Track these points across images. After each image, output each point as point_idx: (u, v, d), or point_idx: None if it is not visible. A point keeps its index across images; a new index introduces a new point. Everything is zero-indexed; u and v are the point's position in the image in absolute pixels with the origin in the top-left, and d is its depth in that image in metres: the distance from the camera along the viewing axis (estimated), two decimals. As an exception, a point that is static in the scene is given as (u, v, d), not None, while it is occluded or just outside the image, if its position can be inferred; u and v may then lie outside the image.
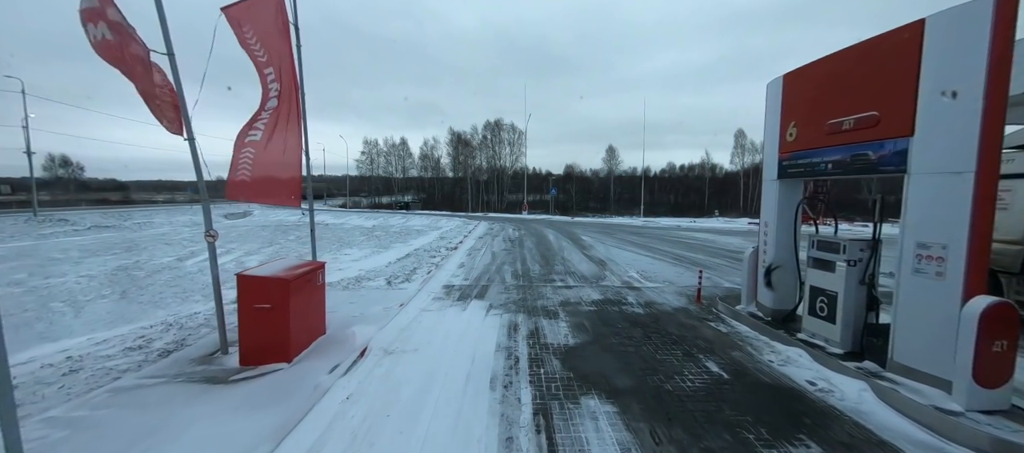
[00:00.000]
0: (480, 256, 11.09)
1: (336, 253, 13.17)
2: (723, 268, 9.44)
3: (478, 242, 14.40)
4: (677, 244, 14.11)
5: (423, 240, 15.92)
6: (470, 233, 17.57)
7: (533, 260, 10.45)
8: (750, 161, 53.25)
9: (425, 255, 11.37)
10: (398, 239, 17.17)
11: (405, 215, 29.11)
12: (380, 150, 55.69)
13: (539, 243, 14.07)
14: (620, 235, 17.28)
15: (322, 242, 18.00)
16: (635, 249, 12.67)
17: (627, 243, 14.28)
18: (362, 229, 23.94)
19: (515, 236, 16.55)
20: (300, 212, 36.27)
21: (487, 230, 19.43)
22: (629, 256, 11.18)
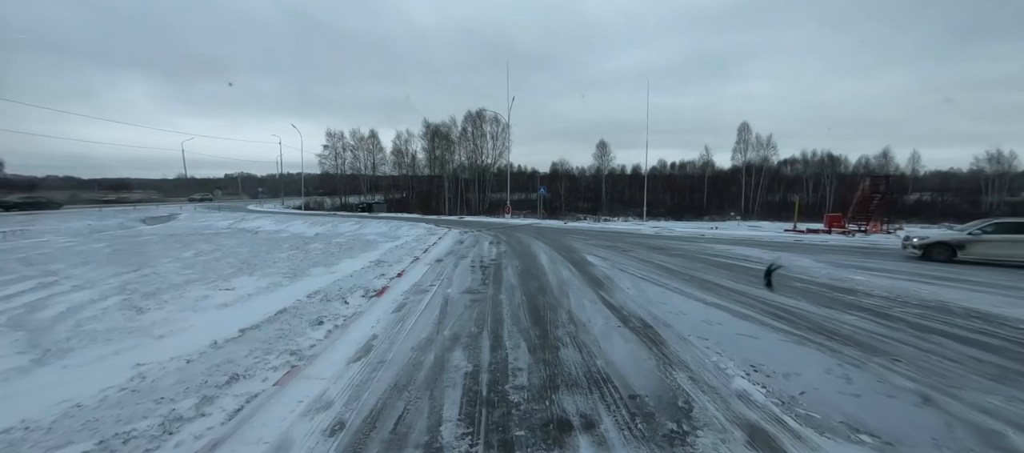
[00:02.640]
0: (416, 318, 6.02)
1: (216, 286, 8.19)
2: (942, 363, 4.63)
3: (430, 271, 9.33)
4: (741, 272, 9.31)
5: (354, 264, 10.79)
6: (426, 252, 12.47)
7: (515, 330, 5.44)
8: (754, 157, 49.43)
9: (336, 299, 6.29)
10: (323, 261, 12.01)
11: (360, 221, 23.79)
12: (347, 144, 49.83)
13: (526, 275, 9.06)
14: (637, 252, 12.45)
15: (224, 262, 12.81)
16: (682, 285, 7.80)
17: (658, 269, 9.43)
18: (297, 240, 18.59)
19: (490, 258, 11.50)
20: (236, 216, 30.47)
21: (453, 246, 14.35)
22: (687, 305, 6.31)
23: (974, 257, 10.48)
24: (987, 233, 10.52)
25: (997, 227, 10.57)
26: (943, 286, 7.94)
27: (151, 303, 7.80)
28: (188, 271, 11.39)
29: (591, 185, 60.74)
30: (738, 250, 12.99)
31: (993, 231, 10.50)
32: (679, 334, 5.09)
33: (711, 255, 11.90)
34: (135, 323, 6.36)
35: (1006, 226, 10.52)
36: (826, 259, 11.29)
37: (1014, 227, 10.40)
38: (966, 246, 10.57)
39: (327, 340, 4.75)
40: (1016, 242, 10.09)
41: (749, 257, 11.52)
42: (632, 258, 11.18)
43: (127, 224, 26.32)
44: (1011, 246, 10.13)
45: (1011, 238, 10.18)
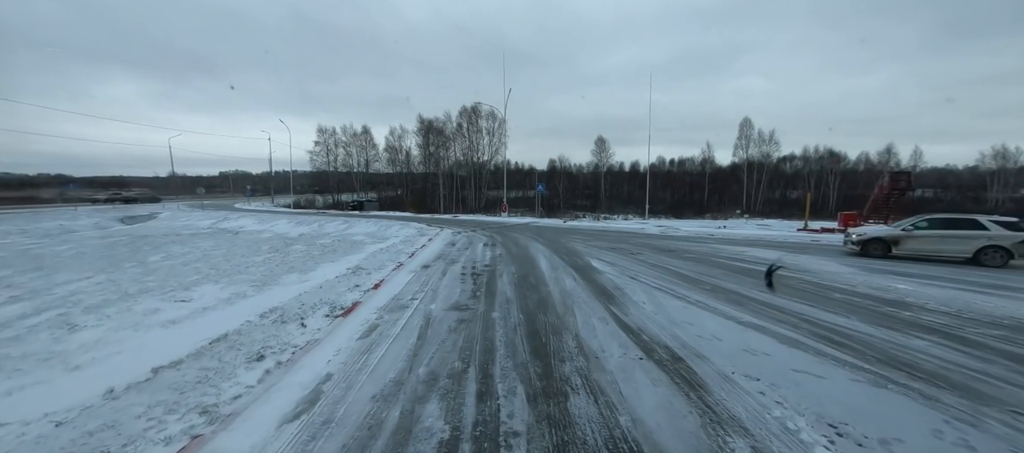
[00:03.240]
0: (386, 347, 4.88)
1: (173, 297, 7.12)
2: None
3: (413, 281, 8.17)
4: (779, 286, 8.22)
5: (331, 271, 9.64)
6: (413, 256, 11.30)
7: (510, 365, 4.31)
8: (755, 153, 48.46)
9: (293, 319, 5.13)
10: (301, 266, 10.87)
11: (349, 221, 22.57)
12: (339, 140, 48.41)
13: (523, 285, 7.93)
14: (646, 255, 11.34)
15: (191, 268, 11.67)
16: (705, 297, 6.69)
17: (672, 276, 8.32)
18: (279, 241, 17.39)
19: (483, 264, 10.36)
20: (219, 215, 29.19)
21: (443, 248, 13.20)
22: (719, 325, 5.19)
23: (907, 252, 10.73)
24: (919, 229, 10.69)
25: (929, 223, 10.76)
26: (1005, 297, 6.88)
27: (90, 319, 6.67)
28: (148, 278, 10.23)
29: (589, 182, 59.66)
30: (754, 252, 11.91)
31: (926, 227, 10.65)
32: (720, 370, 3.97)
33: (727, 258, 10.81)
34: (59, 346, 5.26)
35: (937, 222, 10.72)
36: (853, 263, 10.23)
37: (943, 223, 10.62)
38: (900, 242, 10.78)
39: (261, 386, 3.59)
40: (944, 237, 10.34)
41: (768, 261, 10.43)
42: (641, 263, 10.07)
43: (103, 223, 24.99)
44: (939, 241, 10.40)
45: (939, 233, 10.42)
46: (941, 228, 10.48)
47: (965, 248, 10.11)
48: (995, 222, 10.12)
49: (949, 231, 10.35)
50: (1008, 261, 9.74)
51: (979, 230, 10.06)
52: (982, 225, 10.09)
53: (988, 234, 9.94)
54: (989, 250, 9.86)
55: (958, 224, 10.39)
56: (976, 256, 9.97)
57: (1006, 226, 9.95)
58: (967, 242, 10.08)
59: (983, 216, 10.57)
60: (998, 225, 10.01)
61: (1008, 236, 9.77)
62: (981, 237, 9.97)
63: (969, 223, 10.28)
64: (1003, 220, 10.21)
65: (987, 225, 10.06)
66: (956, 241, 10.22)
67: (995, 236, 9.87)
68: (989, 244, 9.86)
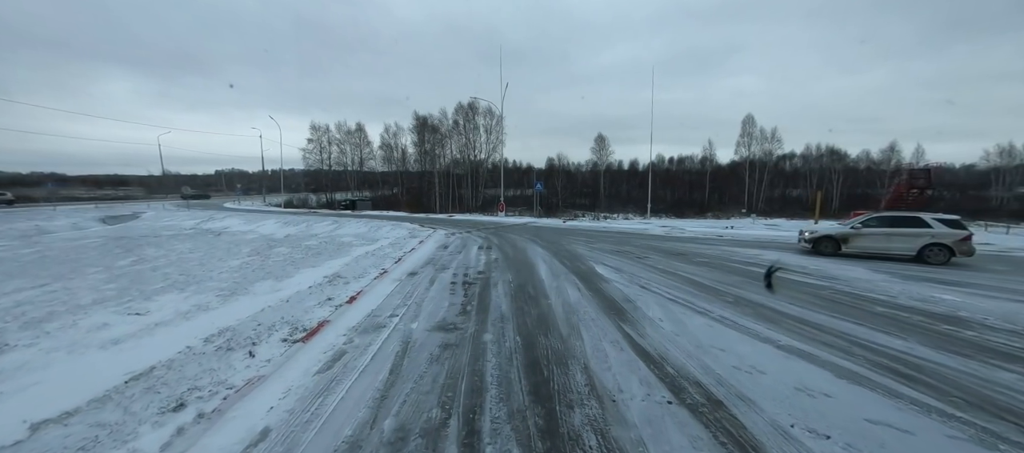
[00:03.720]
0: (348, 385, 3.96)
1: (129, 308, 6.23)
2: None
3: (396, 292, 7.24)
4: (796, 289, 7.33)
5: (309, 278, 8.71)
6: (400, 261, 10.36)
7: (503, 413, 3.40)
8: (757, 151, 47.65)
9: (242, 346, 4.21)
10: (278, 271, 9.95)
11: (339, 221, 21.60)
12: (333, 137, 47.31)
13: (521, 297, 7.03)
14: (653, 259, 10.44)
15: (160, 273, 10.79)
16: (731, 313, 5.78)
17: (687, 285, 7.41)
18: (262, 243, 16.42)
19: (477, 271, 9.45)
20: (205, 215, 28.15)
21: (434, 252, 12.28)
22: (757, 352, 4.29)
23: (855, 250, 10.77)
24: (868, 227, 10.74)
25: (877, 221, 10.81)
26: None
27: (26, 336, 5.76)
28: (109, 286, 9.29)
29: (588, 181, 58.80)
30: (770, 255, 11.02)
31: (875, 225, 10.72)
32: (774, 421, 3.07)
33: (743, 263, 9.92)
34: (-42, 376, 4.32)
35: (884, 220, 10.77)
36: (883, 268, 9.36)
37: (889, 221, 10.68)
38: (849, 239, 10.82)
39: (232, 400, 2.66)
40: (890, 235, 10.41)
41: (788, 266, 9.55)
42: (650, 268, 9.17)
43: (82, 224, 23.92)
44: (886, 239, 10.46)
45: (886, 231, 10.47)
46: (888, 226, 10.54)
47: (910, 246, 10.15)
48: (938, 220, 10.14)
49: (895, 229, 10.41)
50: (950, 258, 9.83)
51: (923, 228, 10.12)
52: (926, 223, 10.13)
53: (932, 232, 9.97)
54: (933, 247, 9.92)
55: (904, 222, 10.46)
56: (920, 253, 10.03)
57: (948, 224, 10.01)
58: (912, 240, 10.13)
59: (928, 214, 10.50)
60: (941, 223, 10.05)
61: (949, 234, 9.84)
62: (925, 235, 10.02)
63: (914, 221, 10.33)
64: (945, 218, 10.21)
65: (931, 223, 10.09)
66: (901, 239, 10.27)
67: (938, 234, 9.91)
68: (932, 242, 9.91)
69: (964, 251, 9.77)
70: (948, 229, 9.96)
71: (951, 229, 9.94)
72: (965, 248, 9.76)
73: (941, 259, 9.86)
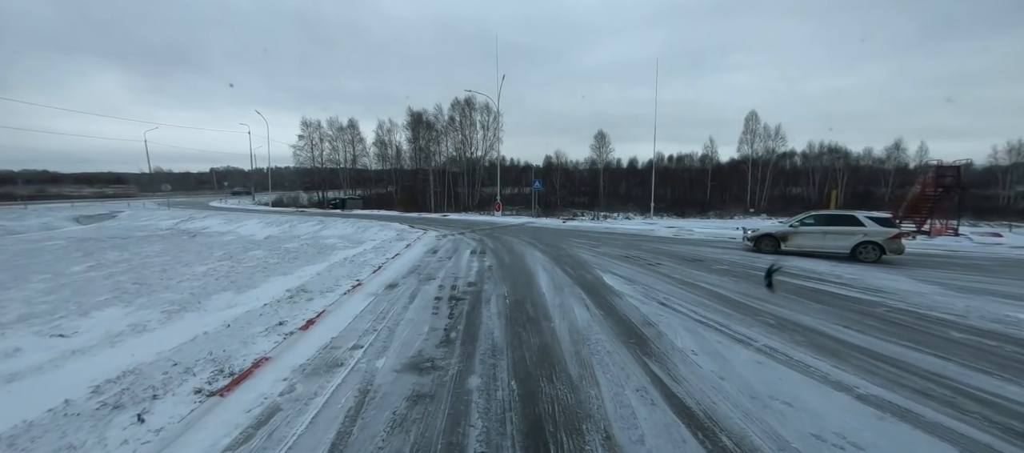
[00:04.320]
0: None
1: (57, 327, 5.07)
2: None
3: (366, 313, 6.04)
4: (845, 307, 6.19)
5: (273, 289, 7.52)
6: (379, 269, 9.13)
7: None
8: (760, 148, 46.63)
9: (135, 402, 3.03)
10: (243, 280, 8.76)
11: (325, 221, 20.35)
12: (324, 134, 45.88)
13: (518, 320, 5.87)
14: (668, 266, 9.29)
15: (113, 281, 9.65)
16: (781, 342, 4.62)
17: (717, 301, 6.25)
18: (239, 245, 15.18)
19: (467, 282, 8.28)
20: (186, 214, 26.82)
21: (421, 258, 11.09)
22: (836, 407, 3.13)
23: (794, 248, 10.83)
24: (805, 225, 10.80)
25: (814, 219, 10.82)
26: None
27: None
28: (47, 297, 8.11)
29: (586, 179, 57.66)
30: (797, 263, 9.90)
31: (812, 223, 10.74)
32: None
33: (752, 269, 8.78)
34: None
35: (821, 218, 10.79)
36: (929, 277, 8.25)
37: (826, 219, 10.68)
38: (788, 238, 10.90)
39: None
40: (826, 234, 10.44)
41: (822, 275, 8.43)
42: (666, 278, 8.02)
43: (53, 224, 22.59)
44: (822, 237, 10.50)
45: (822, 230, 10.50)
46: (824, 224, 10.55)
47: (845, 244, 10.17)
48: (870, 218, 10.19)
49: (831, 227, 10.42)
50: (880, 256, 9.85)
51: (857, 226, 10.13)
52: (860, 222, 10.17)
53: (864, 230, 10.01)
54: (865, 245, 9.95)
55: (839, 220, 10.48)
56: (854, 252, 10.07)
57: (880, 222, 10.08)
58: (846, 238, 10.16)
59: (861, 212, 10.53)
60: (873, 221, 10.09)
61: (881, 232, 9.90)
62: (858, 233, 10.05)
63: (848, 219, 10.36)
64: (877, 216, 10.31)
65: (864, 221, 10.12)
66: (836, 237, 10.28)
67: (870, 232, 9.95)
68: (865, 240, 9.95)
69: (894, 249, 9.85)
70: (880, 227, 9.98)
71: (883, 227, 9.98)
72: (895, 246, 9.84)
73: (873, 257, 9.89)
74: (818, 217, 10.91)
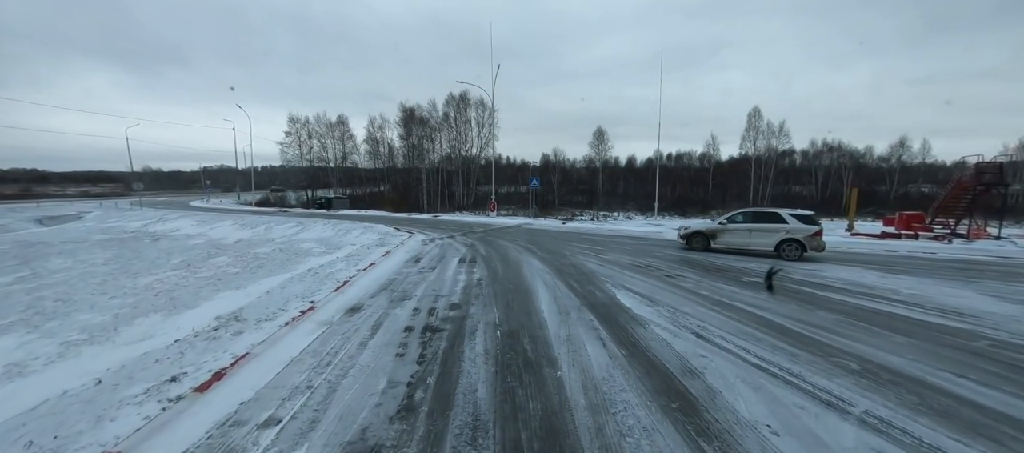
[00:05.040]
0: None
1: None
2: None
3: (309, 353, 4.54)
4: (925, 337, 4.78)
5: (205, 315, 6.02)
6: (345, 284, 7.59)
7: None
8: (763, 146, 45.40)
9: None
10: (183, 298, 7.22)
11: (304, 223, 18.78)
12: (313, 130, 44.12)
13: (510, 364, 4.40)
14: (688, 278, 7.86)
15: (31, 296, 8.14)
16: (896, 407, 3.19)
17: (777, 336, 4.82)
18: (201, 251, 13.61)
19: (450, 302, 6.81)
20: (157, 215, 25.15)
21: (399, 268, 9.62)
22: None
23: (722, 246, 10.77)
24: (734, 222, 10.71)
25: (743, 217, 10.73)
26: None
27: None
28: (-65, 321, 6.53)
29: (584, 177, 56.26)
30: (837, 273, 8.51)
31: (741, 221, 10.65)
32: None
33: (813, 286, 7.36)
34: None
35: (748, 216, 10.70)
36: (999, 292, 6.87)
37: (753, 217, 10.58)
38: (717, 235, 10.83)
39: None
40: (751, 231, 10.35)
41: (875, 289, 7.03)
42: (692, 295, 6.58)
43: (11, 226, 20.88)
44: (748, 235, 10.42)
45: (749, 227, 10.41)
46: (751, 222, 10.46)
47: (769, 241, 10.10)
48: (793, 216, 10.07)
49: (757, 225, 10.32)
50: (802, 254, 9.78)
51: (780, 224, 10.05)
52: (783, 219, 10.07)
53: (787, 227, 9.93)
54: (788, 243, 9.87)
55: (764, 218, 10.37)
56: (777, 249, 9.98)
57: (801, 220, 9.95)
58: (770, 235, 10.08)
59: (785, 210, 10.36)
60: (795, 218, 9.98)
61: (802, 229, 9.82)
62: (781, 230, 9.97)
63: (772, 217, 10.26)
64: (799, 213, 10.16)
65: (787, 219, 10.02)
66: (761, 234, 10.21)
67: (792, 229, 9.87)
68: (788, 237, 9.88)
69: (814, 246, 9.76)
70: (801, 225, 9.85)
71: (804, 225, 9.85)
72: (815, 243, 9.74)
73: (794, 254, 9.79)
74: (746, 214, 10.73)
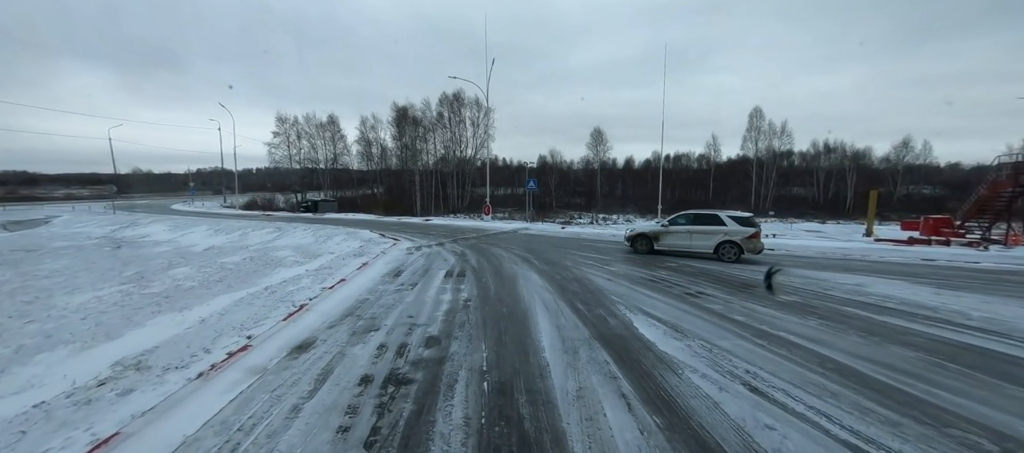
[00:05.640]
0: None
1: None
2: None
3: (214, 426, 3.25)
4: None
5: (110, 354, 4.68)
6: (303, 309, 6.27)
7: None
8: (764, 147, 44.42)
9: None
10: (109, 325, 5.80)
11: (281, 229, 17.42)
12: (302, 130, 42.70)
13: (501, 447, 3.02)
14: (716, 299, 6.64)
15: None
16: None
17: (863, 390, 3.58)
18: (163, 260, 12.26)
19: (425, 335, 5.50)
20: (129, 220, 23.68)
21: (374, 285, 8.34)
22: None
23: (665, 248, 10.65)
24: (675, 224, 10.60)
25: (684, 218, 10.61)
26: None
27: None
28: None
29: (582, 179, 55.18)
30: (882, 288, 7.31)
31: (684, 222, 10.53)
32: None
33: (864, 307, 6.15)
34: None
35: (689, 217, 10.58)
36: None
37: (693, 218, 10.46)
38: (659, 237, 10.70)
39: None
40: (692, 233, 10.23)
41: (935, 310, 5.83)
42: (730, 325, 5.35)
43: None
44: (688, 237, 10.29)
45: (689, 229, 10.31)
46: (692, 224, 10.35)
47: (708, 243, 10.01)
48: (731, 217, 9.98)
49: (697, 227, 10.22)
50: (740, 256, 9.67)
51: (719, 226, 9.96)
52: (722, 221, 9.97)
53: (725, 229, 9.84)
54: (726, 245, 9.78)
55: (704, 220, 10.27)
56: (717, 251, 9.89)
57: (739, 221, 9.86)
58: (710, 237, 9.99)
59: (724, 211, 10.26)
60: (733, 220, 9.89)
61: (739, 231, 9.72)
62: (719, 232, 9.89)
63: (712, 219, 10.17)
64: (737, 215, 10.07)
65: (726, 221, 9.93)
66: (701, 236, 10.13)
67: (730, 231, 9.78)
68: (726, 239, 9.79)
69: (751, 248, 9.66)
70: (739, 227, 9.76)
71: (742, 226, 9.75)
72: (752, 245, 9.65)
73: (732, 256, 9.70)
74: (687, 216, 10.60)
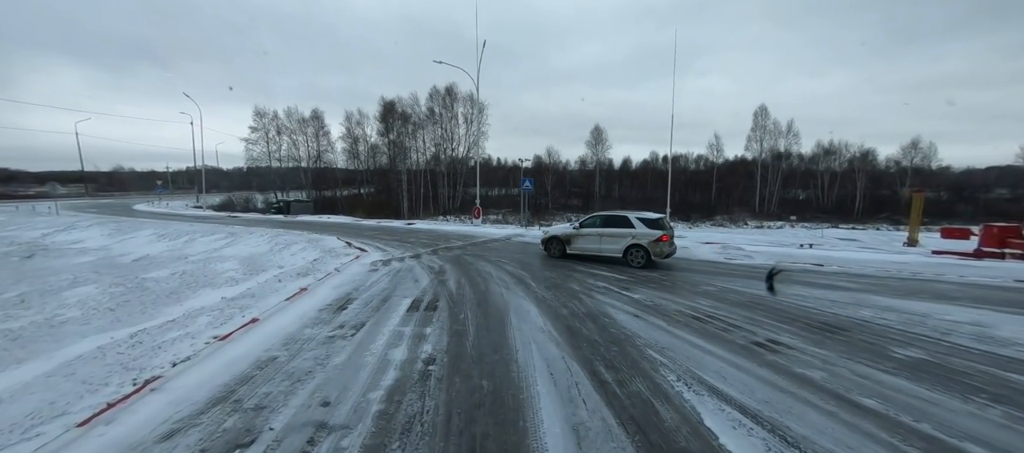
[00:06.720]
0: None
1: None
2: None
3: None
4: None
5: None
6: (188, 362, 4.06)
7: None
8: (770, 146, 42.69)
9: None
10: None
11: (234, 235, 15.07)
12: (283, 125, 40.20)
13: None
14: (791, 348, 4.51)
15: None
16: None
17: None
18: (72, 273, 9.94)
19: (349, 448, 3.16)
20: (69, 221, 21.18)
21: (300, 329, 6.08)
22: None
23: (577, 251, 10.38)
24: (586, 227, 10.31)
25: (595, 221, 10.36)
26: None
27: None
28: None
29: (579, 180, 53.16)
30: (1014, 329, 5.26)
31: (592, 225, 10.26)
32: None
33: (1010, 365, 4.08)
34: None
35: (599, 220, 10.29)
36: None
37: (603, 221, 10.19)
38: (571, 240, 10.43)
39: None
40: (602, 236, 9.96)
41: None
42: (857, 416, 3.23)
43: None
44: (598, 240, 10.02)
45: (599, 232, 10.03)
46: (602, 226, 10.04)
47: (617, 247, 9.68)
48: (640, 219, 9.62)
49: (607, 230, 9.91)
50: (648, 260, 9.26)
51: (628, 228, 9.65)
52: (631, 223, 9.65)
53: (633, 232, 9.53)
54: (634, 249, 9.43)
55: (614, 222, 9.94)
56: (625, 255, 9.58)
57: (647, 223, 9.51)
58: (619, 241, 9.68)
59: (633, 214, 9.86)
60: (642, 222, 9.54)
61: (646, 234, 9.37)
62: (628, 235, 9.58)
63: (621, 221, 9.83)
64: (646, 217, 9.68)
65: (634, 223, 9.60)
66: (611, 240, 9.80)
67: (638, 235, 9.46)
68: (633, 243, 9.44)
69: (658, 252, 9.23)
70: (647, 230, 9.37)
71: (649, 229, 9.36)
72: (658, 249, 9.21)
73: (640, 261, 9.30)
74: (598, 219, 10.25)
